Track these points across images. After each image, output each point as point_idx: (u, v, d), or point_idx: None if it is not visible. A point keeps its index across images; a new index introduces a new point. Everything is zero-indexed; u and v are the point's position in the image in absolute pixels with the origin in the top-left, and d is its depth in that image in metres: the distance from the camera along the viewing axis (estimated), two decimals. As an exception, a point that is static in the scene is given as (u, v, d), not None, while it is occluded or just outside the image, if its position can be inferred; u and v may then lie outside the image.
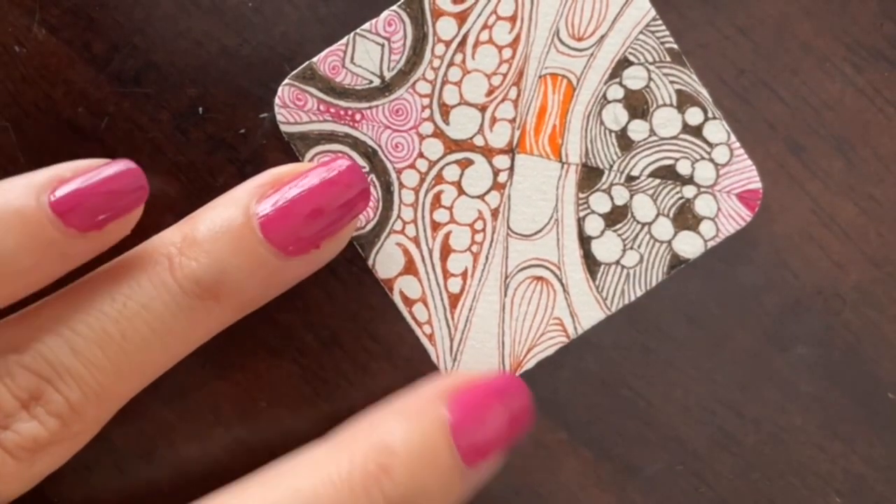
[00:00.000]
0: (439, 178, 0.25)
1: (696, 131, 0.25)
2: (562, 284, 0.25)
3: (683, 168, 0.25)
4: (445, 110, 0.25)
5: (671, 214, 0.25)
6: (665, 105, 0.25)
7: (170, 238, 0.22)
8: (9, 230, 0.20)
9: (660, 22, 0.25)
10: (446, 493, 0.22)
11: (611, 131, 0.25)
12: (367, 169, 0.25)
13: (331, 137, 0.25)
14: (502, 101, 0.25)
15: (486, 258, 0.25)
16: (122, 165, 0.22)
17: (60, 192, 0.21)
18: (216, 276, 0.22)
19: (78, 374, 0.21)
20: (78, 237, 0.21)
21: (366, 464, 0.21)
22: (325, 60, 0.24)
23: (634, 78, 0.25)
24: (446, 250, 0.25)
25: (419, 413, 0.23)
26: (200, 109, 0.25)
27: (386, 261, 0.25)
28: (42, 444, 0.21)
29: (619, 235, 0.25)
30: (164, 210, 0.25)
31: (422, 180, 0.25)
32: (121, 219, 0.22)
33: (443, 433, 0.22)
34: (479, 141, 0.25)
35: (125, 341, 0.21)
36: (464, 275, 0.25)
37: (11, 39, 0.24)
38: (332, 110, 0.25)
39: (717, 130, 0.25)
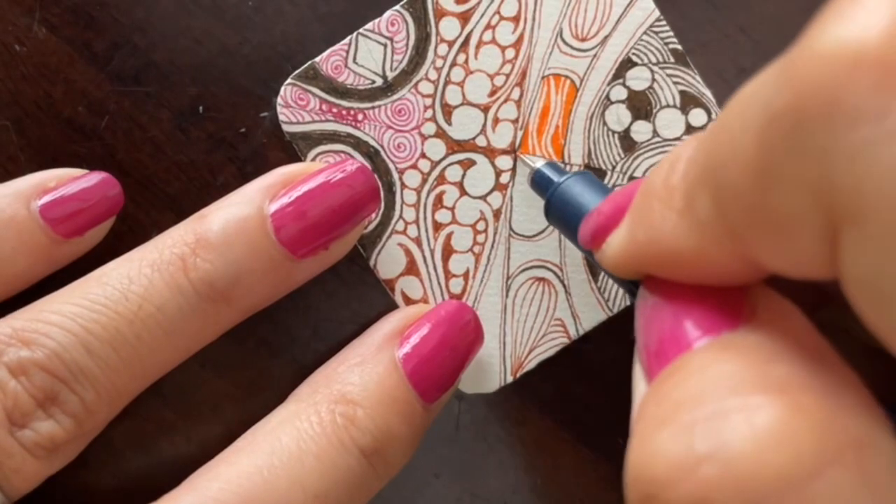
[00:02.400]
0: (441, 179, 0.25)
1: (700, 132, 0.25)
2: (563, 285, 0.25)
3: (686, 169, 0.25)
4: (448, 111, 0.25)
5: (673, 215, 0.25)
6: (668, 106, 0.25)
7: (182, 237, 0.22)
8: (5, 238, 0.22)
9: (664, 23, 0.25)
10: (412, 432, 0.23)
11: (614, 132, 0.25)
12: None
13: (333, 137, 0.25)
14: (505, 101, 0.25)
15: (488, 259, 0.25)
16: (100, 175, 0.23)
17: (47, 201, 0.22)
18: (231, 279, 0.22)
19: (93, 374, 0.21)
20: (63, 243, 0.23)
21: (333, 417, 0.22)
22: (327, 60, 0.24)
23: (638, 79, 0.25)
24: (448, 251, 0.25)
25: (372, 359, 0.23)
26: (201, 108, 0.25)
27: (387, 261, 0.25)
28: (59, 444, 0.21)
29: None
30: (164, 209, 0.25)
31: (424, 181, 0.25)
32: (99, 225, 0.23)
33: (397, 375, 0.23)
34: (481, 141, 0.25)
35: (139, 343, 0.21)
36: (465, 275, 0.25)
37: (12, 38, 0.24)
38: (335, 110, 0.24)
39: (719, 132, 0.25)
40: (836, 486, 0.11)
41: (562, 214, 0.21)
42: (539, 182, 0.23)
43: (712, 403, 0.12)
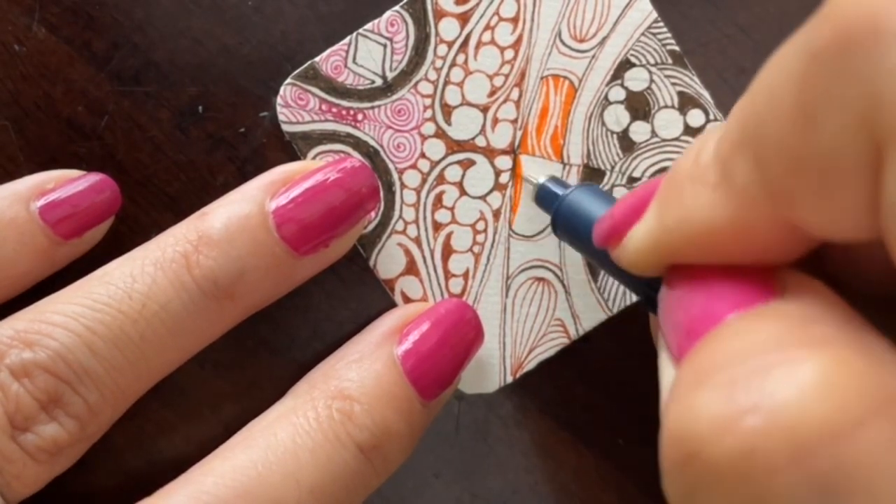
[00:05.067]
0: (441, 179, 0.25)
1: (698, 133, 0.25)
2: (563, 285, 0.25)
3: (685, 169, 0.25)
4: (447, 111, 0.25)
5: (672, 215, 0.25)
6: (666, 107, 0.25)
7: (184, 234, 0.22)
8: (6, 239, 0.22)
9: (661, 24, 0.25)
10: (411, 428, 0.23)
11: (612, 132, 0.25)
12: (368, 169, 0.25)
13: (333, 137, 0.25)
14: (504, 101, 0.25)
15: (488, 259, 0.25)
16: (98, 176, 0.23)
17: (46, 202, 0.23)
18: (234, 276, 0.22)
19: (97, 376, 0.21)
20: (63, 244, 0.23)
21: (329, 412, 0.22)
22: (327, 60, 0.24)
23: (636, 79, 0.25)
24: (448, 251, 0.25)
25: (371, 356, 0.23)
26: (200, 108, 0.25)
27: (387, 261, 0.25)
28: (62, 447, 0.21)
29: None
30: (164, 209, 0.25)
31: (423, 181, 0.25)
32: (98, 226, 0.23)
33: (395, 372, 0.23)
34: (480, 141, 0.25)
35: (143, 342, 0.21)
36: (465, 275, 0.25)
37: (11, 38, 0.24)
38: (334, 110, 0.25)
39: (718, 132, 0.25)
40: (878, 437, 0.11)
41: (569, 225, 0.22)
42: (544, 197, 0.23)
43: (753, 360, 0.12)
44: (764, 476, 0.11)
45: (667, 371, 0.15)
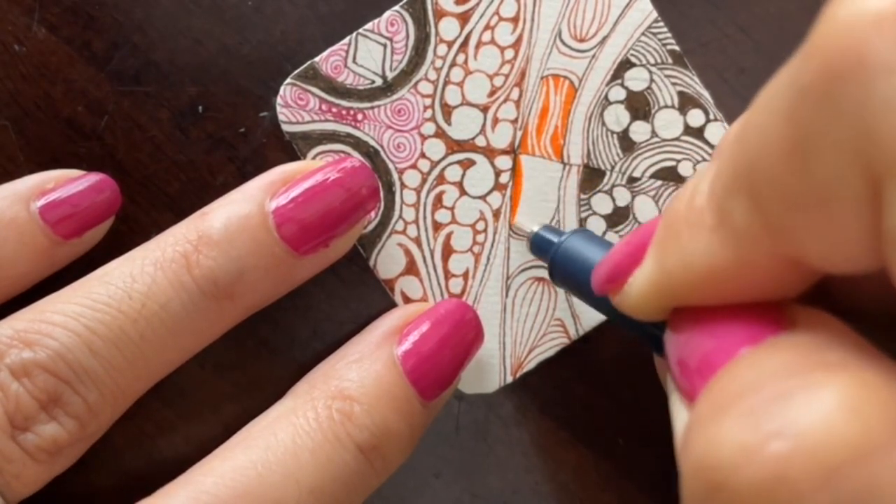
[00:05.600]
0: (441, 179, 0.25)
1: (698, 133, 0.25)
2: (563, 285, 0.25)
3: (685, 169, 0.25)
4: (447, 111, 0.25)
5: (672, 215, 0.25)
6: (667, 107, 0.25)
7: (184, 234, 0.22)
8: (6, 239, 0.22)
9: (661, 24, 0.25)
10: (411, 429, 0.23)
11: (612, 132, 0.25)
12: (368, 169, 0.25)
13: (333, 137, 0.25)
14: (504, 101, 0.25)
15: (488, 259, 0.25)
16: (98, 176, 0.23)
17: (46, 202, 0.23)
18: (234, 276, 0.22)
19: (96, 375, 0.21)
20: (63, 244, 0.23)
21: (329, 413, 0.22)
22: (327, 60, 0.24)
23: (636, 79, 0.25)
24: (448, 251, 0.25)
25: (371, 356, 0.23)
26: (200, 108, 0.25)
27: (387, 261, 0.25)
28: (61, 447, 0.21)
29: (621, 236, 0.25)
30: (164, 209, 0.25)
31: (423, 181, 0.25)
32: (98, 226, 0.23)
33: (396, 373, 0.23)
34: (480, 141, 0.25)
35: (143, 342, 0.21)
36: (465, 275, 0.25)
37: (11, 38, 0.24)
38: (334, 110, 0.25)
39: (718, 132, 0.25)
40: None
41: (568, 273, 0.22)
42: (539, 245, 0.23)
43: (772, 387, 0.12)
44: (793, 501, 0.11)
45: (679, 414, 0.15)
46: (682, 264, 0.15)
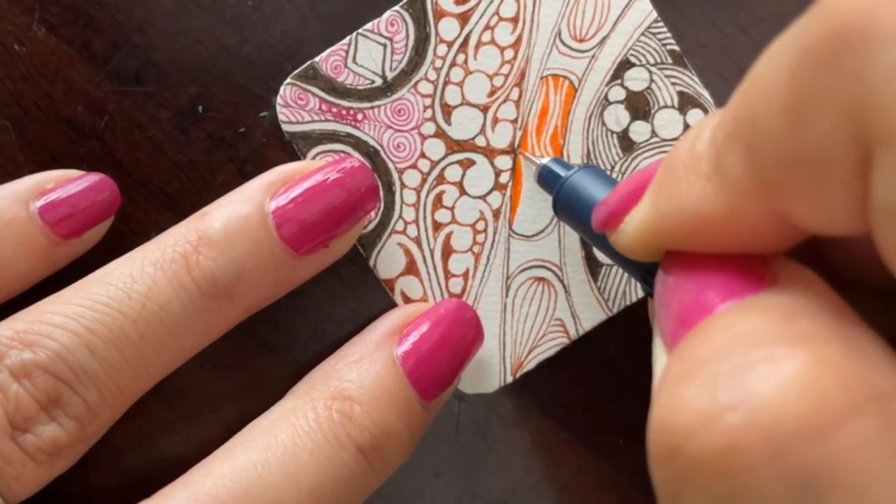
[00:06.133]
0: (441, 179, 0.25)
1: (698, 133, 0.25)
2: (563, 285, 0.25)
3: (685, 169, 0.25)
4: (447, 111, 0.25)
5: (672, 215, 0.25)
6: (666, 107, 0.25)
7: (184, 235, 0.22)
8: (5, 239, 0.22)
9: (661, 24, 0.25)
10: (411, 429, 0.23)
11: (612, 132, 0.25)
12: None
13: (332, 137, 0.25)
14: (504, 101, 0.25)
15: (488, 259, 0.25)
16: (97, 177, 0.23)
17: (46, 202, 0.23)
18: (234, 277, 0.22)
19: (96, 376, 0.21)
20: (62, 244, 0.23)
21: (329, 413, 0.22)
22: (327, 60, 0.24)
23: (636, 79, 0.25)
24: (448, 251, 0.25)
25: (370, 357, 0.23)
26: (200, 108, 0.25)
27: (387, 261, 0.25)
28: (61, 447, 0.21)
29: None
30: (163, 209, 0.25)
31: (423, 180, 0.25)
32: (97, 226, 0.23)
33: (395, 373, 0.23)
34: (480, 141, 0.25)
35: (143, 342, 0.21)
36: (465, 275, 0.25)
37: (11, 38, 0.24)
38: (334, 110, 0.25)
39: (718, 132, 0.25)
40: (859, 434, 0.11)
41: (571, 207, 0.22)
42: (546, 178, 0.23)
43: (736, 357, 0.12)
44: (743, 473, 0.11)
45: (660, 357, 0.15)
46: (676, 207, 0.15)
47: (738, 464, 0.11)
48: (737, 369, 0.12)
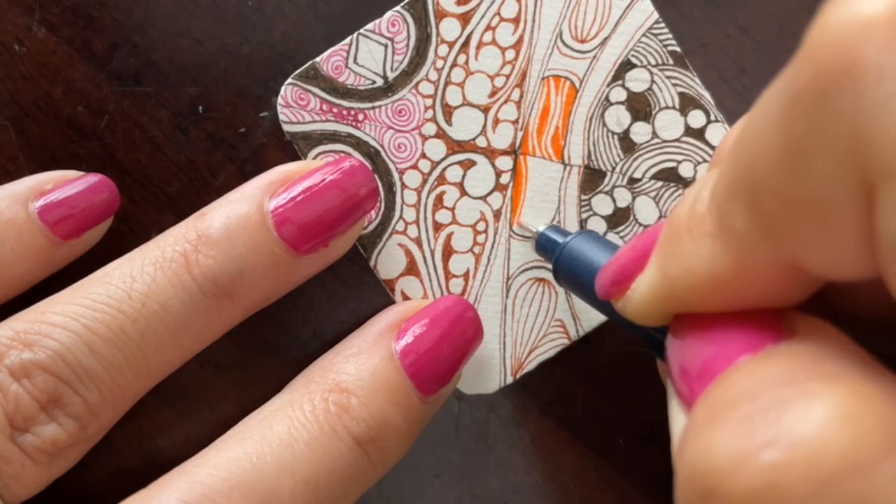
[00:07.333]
0: (442, 179, 0.25)
1: (699, 134, 0.25)
2: (563, 286, 0.25)
3: (686, 170, 0.25)
4: (448, 111, 0.25)
5: (672, 216, 0.25)
6: (667, 107, 0.25)
7: (183, 234, 0.22)
8: (5, 239, 0.22)
9: (662, 25, 0.25)
10: (409, 422, 0.23)
11: (613, 133, 0.25)
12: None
13: (333, 137, 0.25)
14: (505, 102, 0.25)
15: (488, 259, 0.25)
16: (96, 177, 0.23)
17: (45, 203, 0.23)
18: (234, 275, 0.22)
19: (96, 375, 0.21)
20: (62, 244, 0.23)
21: (326, 405, 0.22)
22: (328, 60, 0.24)
23: (637, 80, 0.25)
24: (448, 251, 0.25)
25: (368, 350, 0.23)
26: (200, 108, 0.25)
27: (388, 261, 0.25)
28: (61, 447, 0.21)
29: (622, 237, 0.25)
30: (163, 209, 0.25)
31: (424, 181, 0.25)
32: (96, 227, 0.23)
33: (393, 366, 0.23)
34: (481, 142, 0.25)
35: (143, 342, 0.21)
36: (465, 276, 0.25)
37: (11, 38, 0.24)
38: (335, 110, 0.24)
39: (719, 133, 0.25)
40: None
41: (571, 274, 0.22)
42: (544, 245, 0.23)
43: (769, 395, 0.12)
44: None
45: (678, 418, 0.15)
46: (684, 271, 0.15)
47: (778, 502, 0.11)
48: (771, 406, 0.12)
